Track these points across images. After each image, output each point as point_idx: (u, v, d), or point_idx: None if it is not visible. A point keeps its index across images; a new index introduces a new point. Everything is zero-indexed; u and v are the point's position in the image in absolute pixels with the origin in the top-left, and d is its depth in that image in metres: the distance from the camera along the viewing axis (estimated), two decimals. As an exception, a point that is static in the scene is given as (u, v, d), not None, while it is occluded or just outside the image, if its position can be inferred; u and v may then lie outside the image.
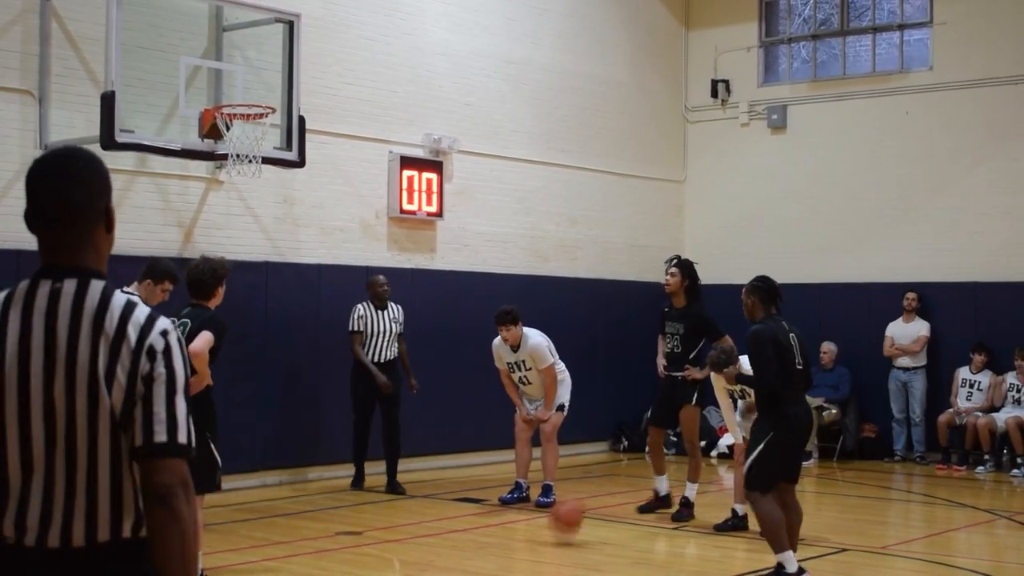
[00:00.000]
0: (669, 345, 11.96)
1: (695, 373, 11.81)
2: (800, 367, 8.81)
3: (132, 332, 3.03)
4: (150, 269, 9.40)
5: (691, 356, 11.87)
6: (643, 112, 18.79)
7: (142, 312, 3.07)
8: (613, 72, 18.29)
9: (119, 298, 3.09)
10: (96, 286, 3.08)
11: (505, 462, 14.50)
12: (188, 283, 8.74)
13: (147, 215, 12.79)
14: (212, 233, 13.36)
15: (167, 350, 3.05)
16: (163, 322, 3.09)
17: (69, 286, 3.07)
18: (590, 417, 16.77)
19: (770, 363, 8.58)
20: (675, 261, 12.02)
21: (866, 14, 18.42)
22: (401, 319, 13.64)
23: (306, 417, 14.14)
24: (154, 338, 3.04)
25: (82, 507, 3.02)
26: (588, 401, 16.12)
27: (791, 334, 8.81)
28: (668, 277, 11.90)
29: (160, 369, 3.03)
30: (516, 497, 12.59)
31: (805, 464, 15.77)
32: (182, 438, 3.03)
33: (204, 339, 8.26)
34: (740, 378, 9.56)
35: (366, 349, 13.48)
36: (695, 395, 11.92)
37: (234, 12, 13.14)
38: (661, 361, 12.11)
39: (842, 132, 18.06)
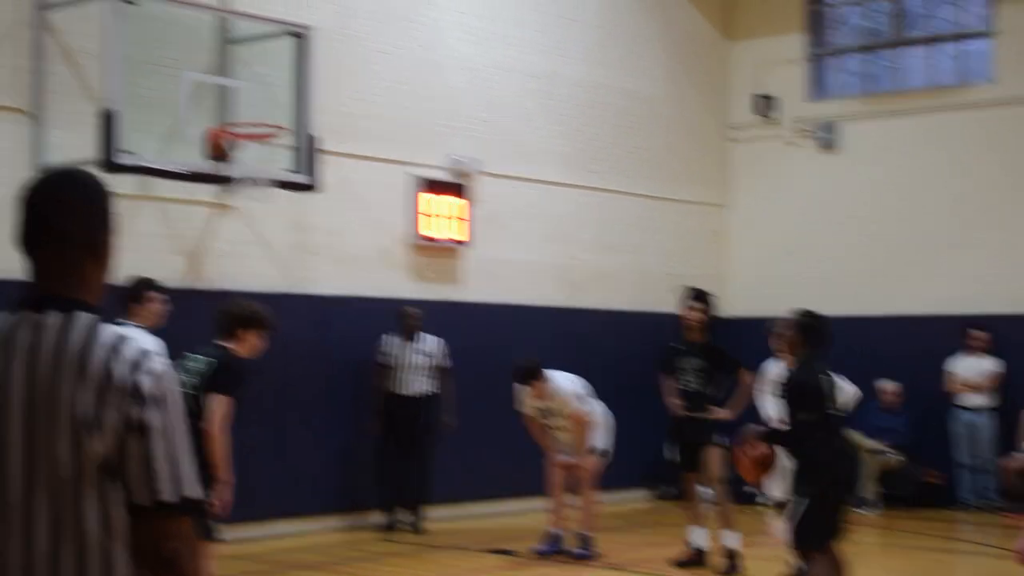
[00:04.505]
0: (693, 383, 12.00)
1: (721, 413, 11.93)
2: (839, 412, 8.68)
3: (119, 371, 2.92)
4: (126, 294, 9.31)
5: (714, 393, 12.03)
6: (681, 130, 18.66)
7: (132, 349, 2.96)
8: (648, 87, 18.17)
9: (107, 333, 2.99)
10: (82, 320, 2.99)
11: (539, 510, 14.29)
12: (218, 314, 8.72)
13: (150, 242, 12.66)
14: (220, 262, 13.30)
15: (160, 393, 2.95)
16: (154, 360, 2.98)
17: (53, 319, 2.98)
18: (629, 461, 16.52)
19: (811, 412, 8.40)
20: (697, 295, 12.09)
21: (921, 23, 18.26)
22: (434, 351, 14.13)
23: (323, 460, 14.03)
24: (143, 378, 2.93)
25: (71, 565, 2.91)
26: (627, 444, 15.88)
27: (827, 378, 8.66)
28: (693, 312, 12.00)
29: (155, 418, 2.93)
30: (551, 549, 12.47)
31: (864, 512, 15.56)
32: (190, 492, 2.98)
33: (219, 409, 8.16)
34: (772, 435, 9.11)
35: (393, 383, 14.05)
36: (716, 435, 11.96)
37: (241, 25, 13.14)
38: (677, 401, 12.13)
39: (896, 151, 17.89)
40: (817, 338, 8.70)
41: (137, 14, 11.84)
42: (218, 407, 8.27)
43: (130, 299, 9.42)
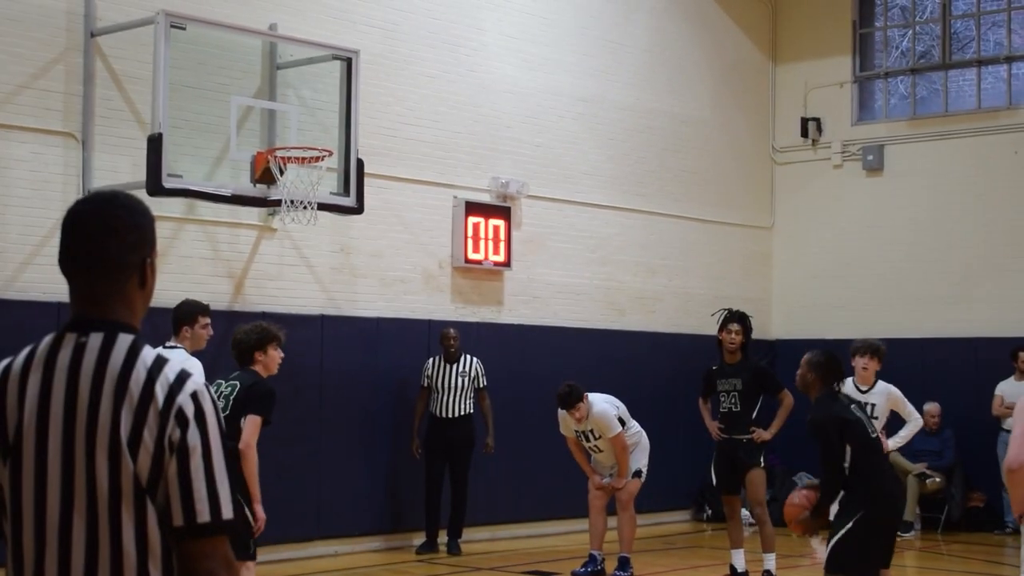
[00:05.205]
0: (726, 405, 12.08)
1: (764, 435, 11.95)
2: (875, 435, 8.65)
3: (160, 393, 2.98)
4: (180, 316, 9.59)
5: (754, 415, 12.03)
6: (727, 153, 18.73)
7: (172, 370, 3.03)
8: (694, 110, 18.26)
9: (147, 354, 3.05)
10: (124, 341, 3.05)
11: (578, 532, 14.38)
12: (231, 346, 8.90)
13: (195, 265, 12.87)
14: (264, 284, 13.43)
15: (199, 414, 3.00)
16: (194, 382, 3.05)
17: (95, 341, 3.04)
18: (670, 483, 16.62)
19: (836, 450, 8.39)
20: (735, 317, 12.14)
21: (970, 46, 18.28)
22: (474, 373, 14.12)
23: (363, 481, 14.11)
24: (184, 400, 2.99)
25: None
26: (668, 466, 15.98)
27: (852, 405, 8.64)
28: (734, 335, 12.07)
29: (194, 439, 2.98)
30: (590, 571, 12.47)
31: (907, 536, 15.56)
32: (226, 513, 3.02)
33: (252, 429, 8.46)
34: (821, 503, 8.88)
35: (435, 405, 14.03)
36: (762, 457, 12.03)
37: (288, 49, 13.25)
38: (715, 424, 12.22)
39: (944, 174, 17.87)
40: (832, 375, 8.67)
41: (185, 39, 12.03)
42: (249, 427, 8.49)
43: (182, 322, 9.65)
